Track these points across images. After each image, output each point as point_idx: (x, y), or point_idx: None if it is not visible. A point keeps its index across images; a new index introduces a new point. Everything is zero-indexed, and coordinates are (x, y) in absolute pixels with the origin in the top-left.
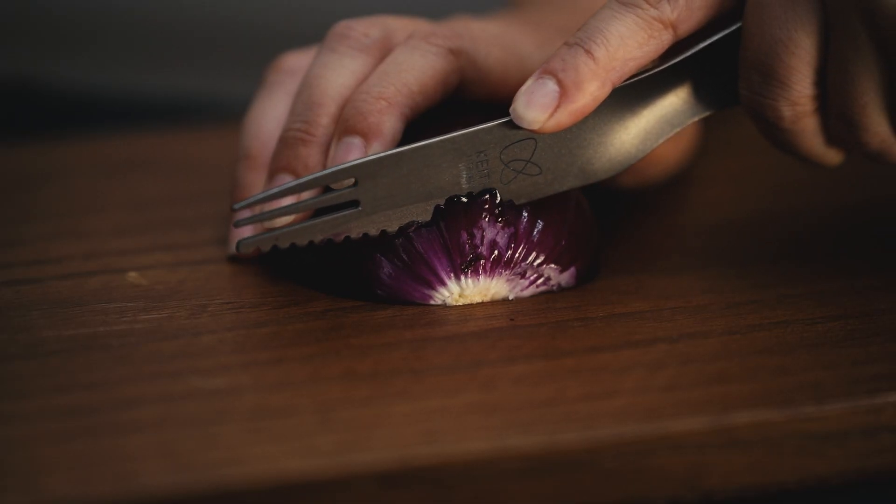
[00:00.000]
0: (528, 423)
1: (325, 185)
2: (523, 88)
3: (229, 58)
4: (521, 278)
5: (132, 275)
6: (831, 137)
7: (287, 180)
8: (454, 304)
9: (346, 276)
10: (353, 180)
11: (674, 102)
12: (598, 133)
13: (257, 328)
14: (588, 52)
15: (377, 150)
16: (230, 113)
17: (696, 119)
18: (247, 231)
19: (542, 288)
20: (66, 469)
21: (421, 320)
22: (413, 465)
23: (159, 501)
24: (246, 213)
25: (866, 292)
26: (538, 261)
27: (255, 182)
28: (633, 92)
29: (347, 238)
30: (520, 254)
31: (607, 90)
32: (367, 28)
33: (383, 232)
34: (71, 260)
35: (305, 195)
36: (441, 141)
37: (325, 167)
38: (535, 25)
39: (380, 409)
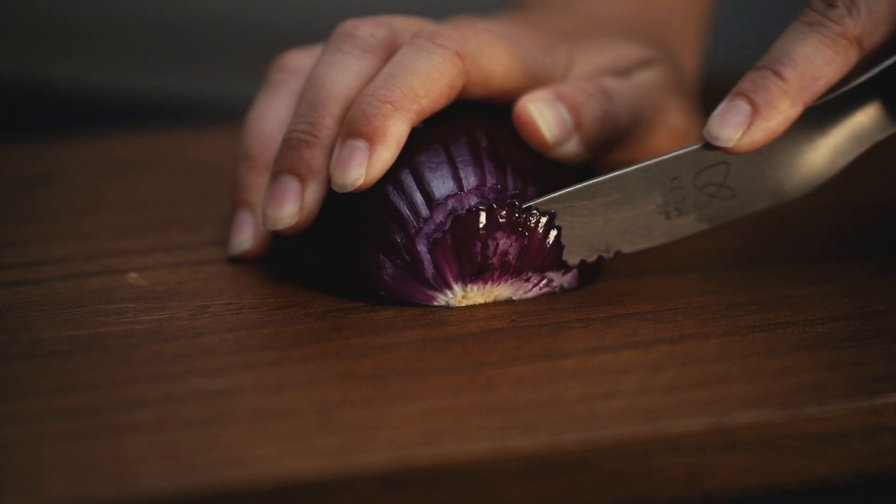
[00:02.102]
0: (528, 425)
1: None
2: (716, 111)
3: (229, 58)
4: (524, 281)
5: (132, 276)
6: None
7: (290, 182)
8: (457, 305)
9: (347, 276)
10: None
11: (862, 120)
12: (788, 154)
13: (258, 329)
14: (776, 73)
15: (381, 155)
16: (230, 113)
17: (884, 135)
18: (246, 230)
19: (545, 290)
20: (66, 470)
21: (422, 321)
22: (413, 466)
23: (159, 502)
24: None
25: (867, 294)
26: (544, 266)
27: (257, 183)
28: (823, 112)
29: (347, 238)
30: (529, 262)
31: (799, 109)
32: (374, 28)
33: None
34: (71, 261)
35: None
36: (635, 170)
37: (328, 169)
38: (538, 27)
39: (380, 410)
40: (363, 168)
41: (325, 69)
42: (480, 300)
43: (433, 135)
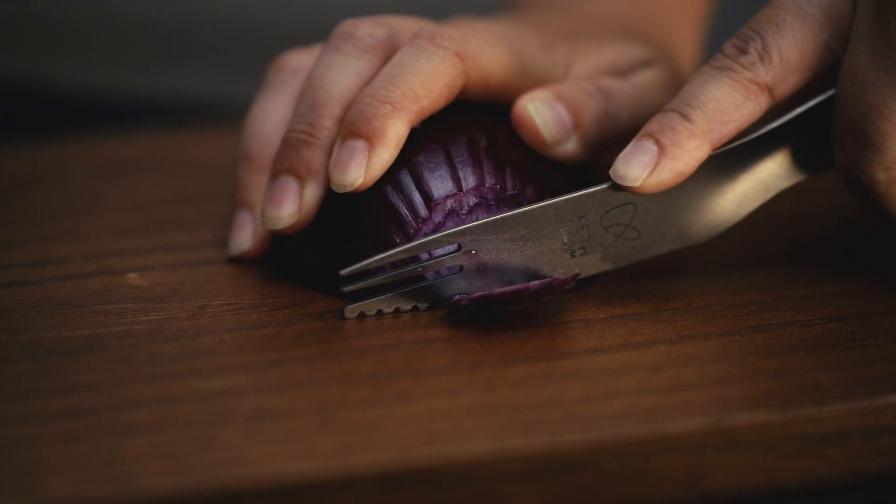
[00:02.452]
0: (528, 425)
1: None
2: (623, 151)
3: (229, 58)
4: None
5: (132, 276)
6: None
7: (289, 182)
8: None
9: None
10: (455, 245)
11: (770, 167)
12: (695, 198)
13: (257, 329)
14: (684, 116)
15: (381, 155)
16: (230, 113)
17: (791, 184)
18: (246, 231)
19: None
20: (66, 470)
21: (421, 321)
22: (413, 466)
23: (159, 502)
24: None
25: (866, 294)
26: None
27: (256, 183)
28: (730, 158)
29: (346, 238)
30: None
31: (705, 151)
32: (373, 28)
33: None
34: (71, 261)
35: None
36: (544, 206)
37: (327, 170)
38: (537, 28)
39: (380, 411)
40: (362, 168)
41: (324, 69)
42: None
43: (432, 135)
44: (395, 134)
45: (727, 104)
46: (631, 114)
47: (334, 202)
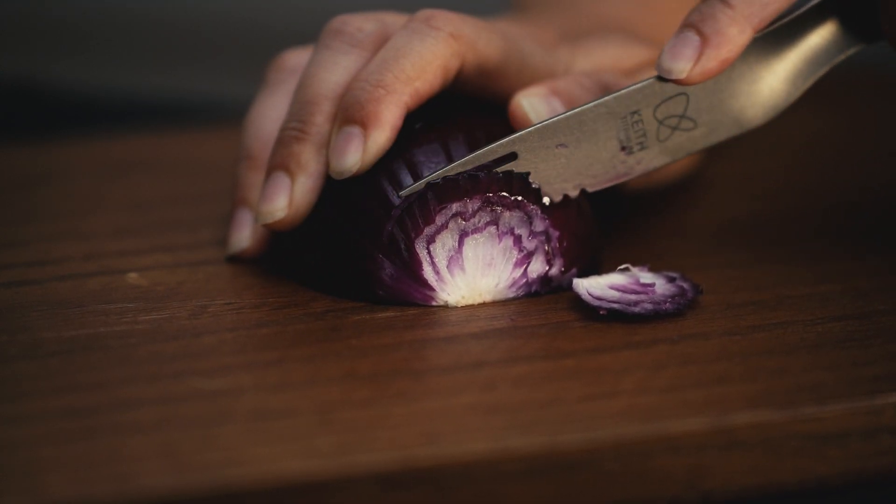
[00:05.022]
0: (528, 425)
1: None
2: (667, 45)
3: (229, 58)
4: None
5: (132, 276)
6: None
7: (282, 178)
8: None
9: (346, 276)
10: (514, 154)
11: (818, 42)
12: (747, 81)
13: (258, 329)
14: (724, 2)
15: (376, 139)
16: (230, 113)
17: (842, 57)
18: (245, 229)
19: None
20: (66, 470)
21: (421, 321)
22: (413, 466)
23: (159, 502)
24: None
25: (866, 293)
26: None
27: (256, 182)
28: (777, 37)
29: (346, 238)
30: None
31: (748, 35)
32: (362, 23)
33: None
34: (71, 261)
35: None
36: (594, 106)
37: (321, 164)
38: (539, 27)
39: (380, 410)
40: (359, 153)
41: (315, 68)
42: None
43: (432, 133)
44: (389, 117)
45: None
46: None
47: (334, 200)
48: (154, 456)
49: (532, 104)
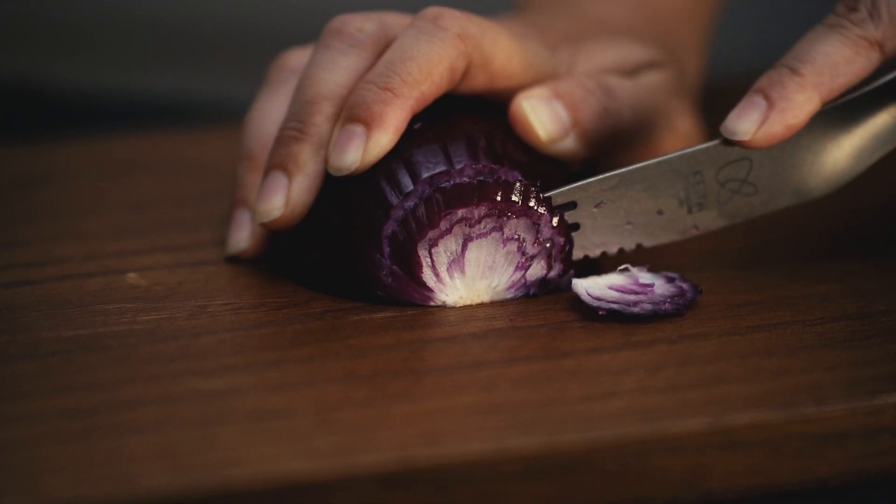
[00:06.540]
0: (528, 425)
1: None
2: (734, 108)
3: (230, 58)
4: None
5: (132, 276)
6: None
7: (279, 178)
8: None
9: (345, 276)
10: (573, 203)
11: (886, 120)
12: (811, 152)
13: (257, 329)
14: (793, 70)
15: (379, 140)
16: (230, 113)
17: None
18: (244, 230)
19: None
20: (66, 470)
21: (420, 321)
22: (413, 466)
23: (159, 502)
24: None
25: (866, 294)
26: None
27: (255, 182)
28: (845, 111)
29: (345, 238)
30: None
31: (815, 104)
32: (362, 23)
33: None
34: (70, 261)
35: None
36: (658, 162)
37: (319, 164)
38: (542, 29)
39: (380, 410)
40: (359, 152)
41: (314, 68)
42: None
43: (431, 134)
44: (394, 120)
45: (837, 58)
46: (633, 111)
47: (332, 201)
48: (154, 456)
49: (532, 106)
